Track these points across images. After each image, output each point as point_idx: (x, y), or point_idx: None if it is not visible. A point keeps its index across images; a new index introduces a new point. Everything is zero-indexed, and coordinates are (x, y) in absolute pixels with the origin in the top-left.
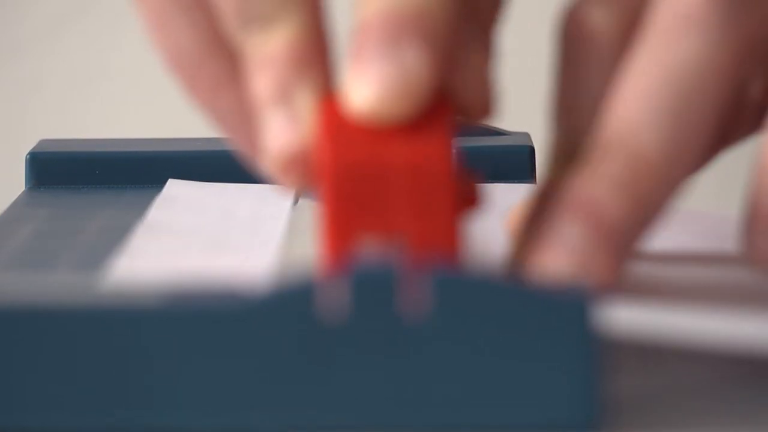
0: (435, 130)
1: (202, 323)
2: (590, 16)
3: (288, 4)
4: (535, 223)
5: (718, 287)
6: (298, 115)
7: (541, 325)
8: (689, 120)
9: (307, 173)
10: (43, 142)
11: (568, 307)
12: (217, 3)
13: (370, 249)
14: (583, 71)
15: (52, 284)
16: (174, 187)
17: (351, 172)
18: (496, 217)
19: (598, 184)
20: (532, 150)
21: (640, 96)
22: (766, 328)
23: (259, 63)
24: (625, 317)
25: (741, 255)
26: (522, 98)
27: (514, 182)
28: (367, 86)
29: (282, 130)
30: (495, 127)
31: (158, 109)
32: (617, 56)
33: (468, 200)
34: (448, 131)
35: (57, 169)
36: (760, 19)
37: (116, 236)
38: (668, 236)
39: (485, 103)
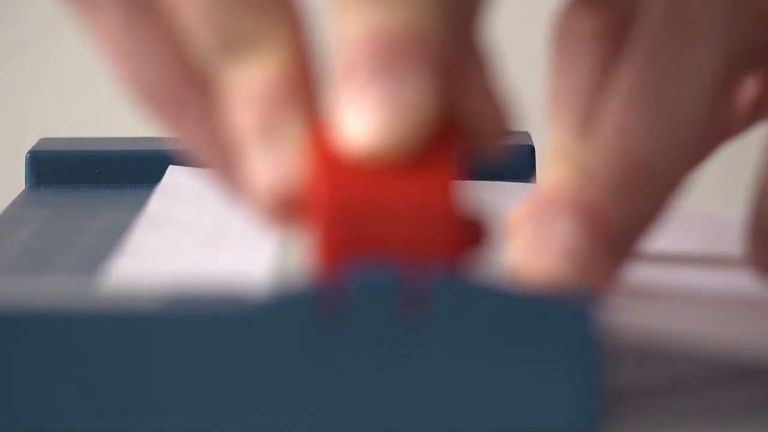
0: (437, 163)
1: (203, 327)
2: (582, 19)
3: (268, 26)
4: (533, 226)
5: (717, 291)
6: (285, 151)
7: (541, 329)
8: (685, 121)
9: (294, 213)
10: (43, 140)
11: (568, 311)
12: (190, 24)
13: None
14: (576, 74)
15: (53, 287)
16: (174, 174)
17: (346, 212)
18: (495, 217)
19: (596, 187)
20: (532, 149)
21: (635, 98)
22: (764, 333)
23: (239, 95)
24: (625, 320)
25: (743, 263)
26: (522, 97)
27: (514, 181)
28: (363, 122)
29: (267, 168)
30: None
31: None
32: (611, 56)
33: (472, 238)
34: (451, 164)
35: (57, 168)
36: (753, 18)
37: (116, 235)
38: (668, 238)
39: (498, 125)
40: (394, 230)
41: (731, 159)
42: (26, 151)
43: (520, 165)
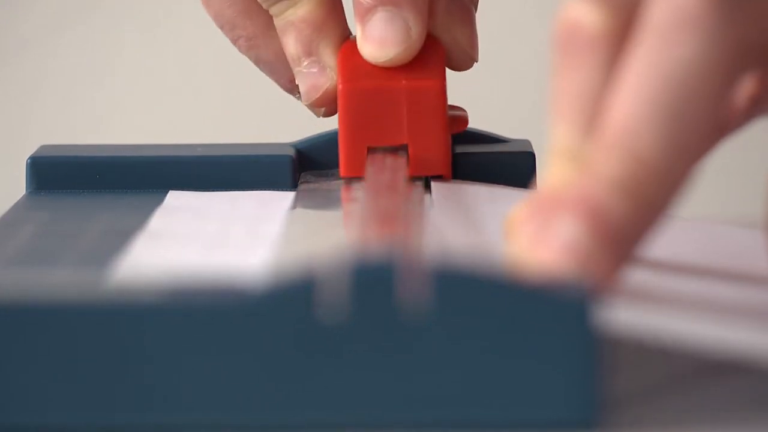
0: (430, 66)
1: (201, 319)
2: (585, 17)
3: None
4: (536, 222)
5: (717, 294)
6: (324, 64)
7: (541, 323)
8: (687, 119)
9: (333, 104)
10: (43, 147)
11: (569, 305)
12: None
13: (377, 159)
14: (580, 74)
15: (50, 281)
16: (174, 198)
17: (361, 98)
18: (497, 220)
19: (599, 185)
20: (533, 157)
21: (638, 96)
22: (760, 333)
23: (288, 28)
24: (625, 316)
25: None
26: (523, 105)
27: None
28: (377, 47)
29: (312, 77)
30: (496, 134)
31: (159, 114)
32: (613, 57)
33: (457, 121)
34: (440, 68)
35: (57, 174)
36: (753, 18)
37: (116, 240)
38: (668, 246)
39: (470, 52)
40: (398, 109)
41: (733, 159)
42: (27, 157)
43: (521, 172)
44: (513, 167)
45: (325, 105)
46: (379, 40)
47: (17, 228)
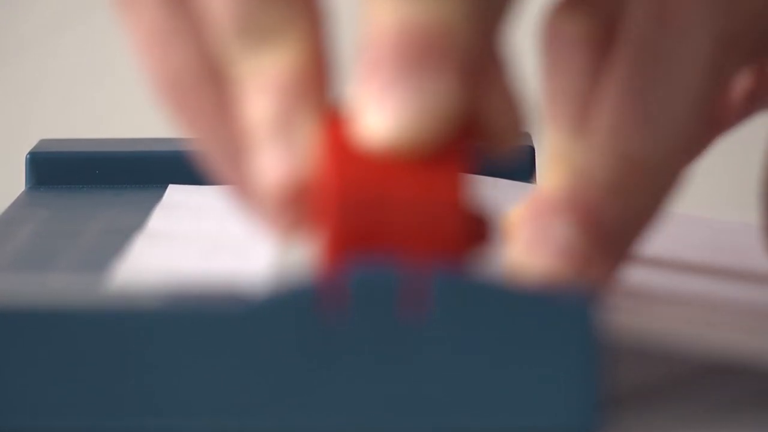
0: (449, 160)
1: (203, 325)
2: (569, 21)
3: (291, 17)
4: (532, 226)
5: (716, 296)
6: (298, 146)
7: (541, 327)
8: (676, 117)
9: (304, 210)
10: (43, 141)
11: (569, 309)
12: (213, 13)
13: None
14: (567, 78)
15: (52, 286)
16: (174, 193)
17: (355, 201)
18: (496, 215)
19: (592, 187)
20: (532, 150)
21: (626, 97)
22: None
23: (256, 86)
24: (625, 320)
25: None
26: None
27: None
28: (385, 116)
29: (279, 161)
30: None
31: (159, 114)
32: (598, 58)
33: (478, 234)
34: (462, 161)
35: (57, 169)
36: (740, 13)
37: (116, 237)
38: (668, 242)
39: (513, 127)
40: (401, 222)
41: (732, 156)
42: (26, 152)
43: (520, 165)
44: (512, 161)
45: (289, 207)
46: (396, 116)
47: (17, 227)
